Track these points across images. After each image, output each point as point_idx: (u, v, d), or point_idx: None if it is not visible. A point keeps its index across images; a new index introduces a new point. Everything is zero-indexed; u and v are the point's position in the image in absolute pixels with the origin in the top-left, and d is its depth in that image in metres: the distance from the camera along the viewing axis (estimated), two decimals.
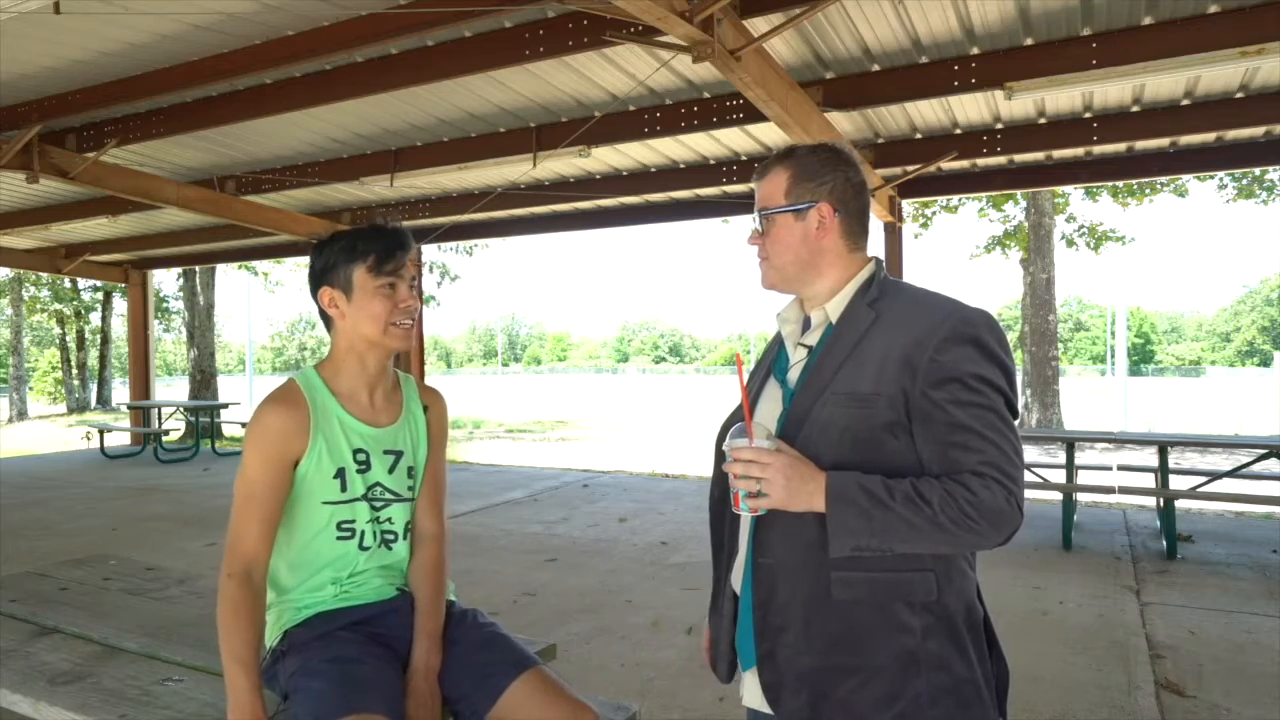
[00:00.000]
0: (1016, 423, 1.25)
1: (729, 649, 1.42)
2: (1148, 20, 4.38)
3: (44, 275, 22.96)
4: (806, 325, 1.40)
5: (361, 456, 1.68)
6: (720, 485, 1.41)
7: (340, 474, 1.66)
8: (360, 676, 1.53)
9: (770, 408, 1.37)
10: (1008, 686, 1.34)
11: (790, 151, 1.39)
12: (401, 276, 1.66)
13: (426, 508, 1.81)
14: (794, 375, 1.35)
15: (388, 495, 1.72)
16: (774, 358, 1.44)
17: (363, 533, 1.68)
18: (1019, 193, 13.45)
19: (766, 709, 1.31)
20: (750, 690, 1.34)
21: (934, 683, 1.22)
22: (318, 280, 1.68)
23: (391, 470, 1.73)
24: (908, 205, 8.00)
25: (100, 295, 26.99)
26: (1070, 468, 6.01)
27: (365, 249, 1.63)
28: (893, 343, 1.24)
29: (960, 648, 1.25)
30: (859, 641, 1.23)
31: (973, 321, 1.23)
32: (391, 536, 1.73)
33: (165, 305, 28.84)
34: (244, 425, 12.55)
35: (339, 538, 1.67)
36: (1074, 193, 14.62)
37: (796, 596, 1.26)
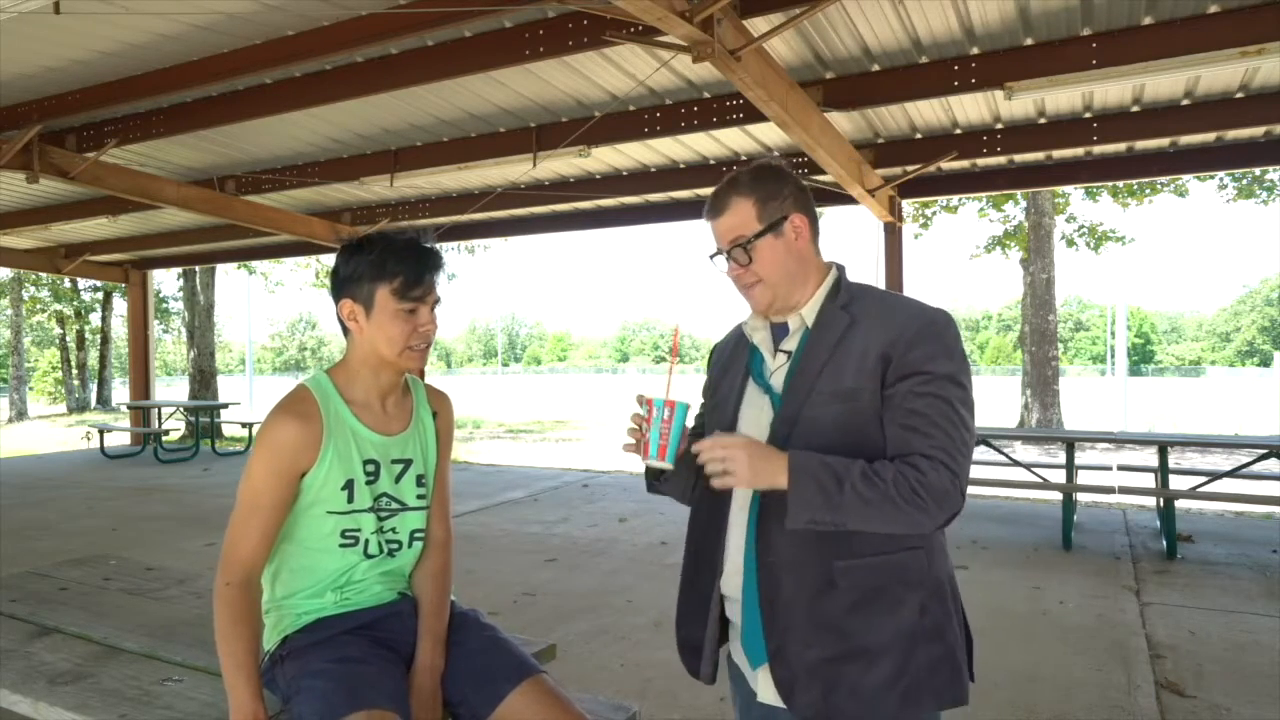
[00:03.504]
0: (1016, 423, 1.28)
1: (714, 652, 1.48)
2: (1148, 20, 4.38)
3: (44, 275, 22.96)
4: (775, 331, 1.48)
5: (371, 467, 1.66)
6: (706, 498, 1.47)
7: (348, 485, 1.63)
8: (366, 675, 1.52)
9: (756, 413, 1.43)
10: (973, 651, 1.43)
11: (737, 181, 1.44)
12: (425, 301, 1.62)
13: (433, 512, 1.79)
14: (778, 380, 1.42)
15: (394, 505, 1.70)
16: (747, 364, 1.49)
17: (367, 541, 1.67)
18: (1019, 193, 13.45)
19: (781, 704, 1.35)
20: (764, 687, 1.37)
21: (932, 653, 1.31)
22: (340, 289, 1.64)
23: (399, 479, 1.71)
24: (908, 205, 8.00)
25: (100, 295, 26.99)
26: (1070, 468, 6.00)
27: (394, 269, 1.58)
28: (870, 342, 1.34)
29: (947, 617, 1.35)
30: (862, 626, 1.30)
31: (939, 322, 1.34)
32: (396, 545, 1.71)
33: (165, 305, 28.84)
34: (244, 425, 12.44)
35: (342, 545, 1.65)
36: (1074, 193, 14.62)
37: (802, 591, 1.31)
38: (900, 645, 1.29)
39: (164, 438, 11.73)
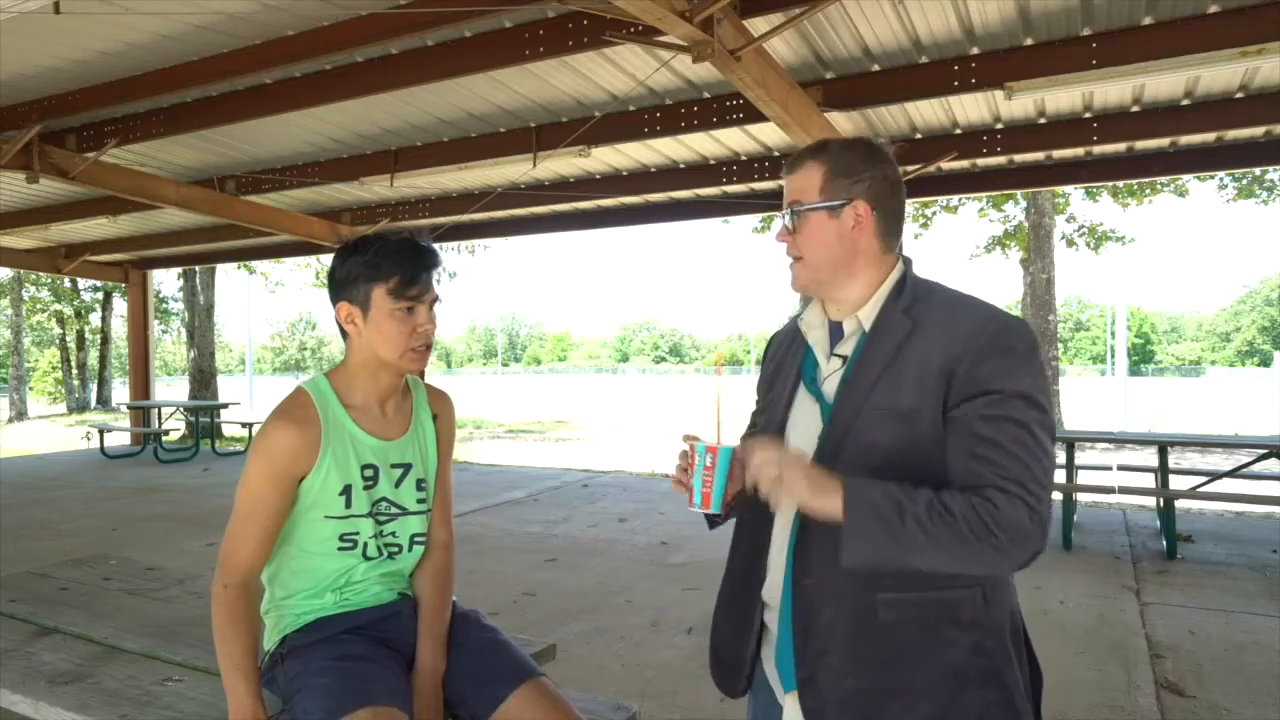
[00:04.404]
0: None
1: (751, 665, 1.39)
2: (1148, 20, 4.38)
3: (44, 275, 22.96)
4: (833, 331, 1.35)
5: (369, 472, 1.65)
6: (750, 507, 1.36)
7: (346, 490, 1.62)
8: (372, 672, 1.53)
9: (806, 423, 1.32)
10: (1042, 691, 1.31)
11: (824, 145, 1.32)
12: (423, 300, 1.60)
13: (435, 515, 1.78)
14: (830, 388, 1.29)
15: (394, 509, 1.68)
16: (800, 364, 1.38)
17: (365, 544, 1.66)
18: (1019, 193, 13.44)
19: None
20: (791, 713, 1.30)
21: (983, 697, 1.20)
22: (336, 292, 1.62)
23: (398, 484, 1.69)
24: (908, 205, 7.99)
25: (100, 295, 27.00)
26: (1070, 468, 6.01)
27: (389, 269, 1.56)
28: (931, 353, 1.19)
29: (1006, 659, 1.22)
30: (906, 663, 1.19)
31: (1014, 331, 1.19)
32: (396, 549, 1.70)
33: (165, 305, 28.84)
34: (245, 425, 12.42)
35: (340, 548, 1.64)
36: (1074, 193, 14.61)
37: (840, 619, 1.22)
38: (946, 687, 1.18)
39: (164, 438, 11.72)
